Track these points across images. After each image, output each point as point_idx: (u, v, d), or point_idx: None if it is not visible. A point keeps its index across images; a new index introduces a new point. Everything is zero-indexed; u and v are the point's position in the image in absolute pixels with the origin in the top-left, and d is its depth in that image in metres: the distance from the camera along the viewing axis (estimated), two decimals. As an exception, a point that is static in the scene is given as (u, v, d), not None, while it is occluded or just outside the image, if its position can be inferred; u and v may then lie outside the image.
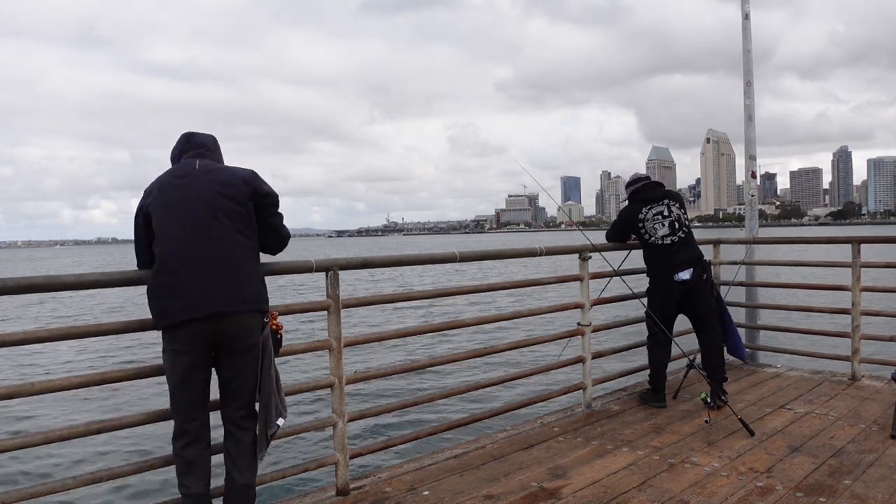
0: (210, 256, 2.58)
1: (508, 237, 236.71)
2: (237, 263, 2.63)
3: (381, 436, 6.57)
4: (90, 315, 22.93)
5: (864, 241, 5.49)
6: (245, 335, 2.64)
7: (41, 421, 8.82)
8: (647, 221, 4.72)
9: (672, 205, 4.74)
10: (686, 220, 4.81)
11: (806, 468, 3.47)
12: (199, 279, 2.56)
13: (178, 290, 2.55)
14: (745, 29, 6.21)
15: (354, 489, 3.33)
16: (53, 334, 2.69)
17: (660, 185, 4.92)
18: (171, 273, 2.57)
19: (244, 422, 2.74)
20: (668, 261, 4.66)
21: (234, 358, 2.67)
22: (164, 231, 2.60)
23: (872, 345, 5.83)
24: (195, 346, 2.60)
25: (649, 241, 4.71)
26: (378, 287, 28.62)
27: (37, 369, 12.77)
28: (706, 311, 4.79)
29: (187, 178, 2.67)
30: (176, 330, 2.58)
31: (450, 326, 4.42)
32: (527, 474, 3.52)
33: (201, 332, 2.57)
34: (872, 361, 5.45)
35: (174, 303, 2.55)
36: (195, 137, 2.81)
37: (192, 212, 2.60)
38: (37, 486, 2.55)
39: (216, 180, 2.67)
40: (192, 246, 2.58)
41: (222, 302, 2.57)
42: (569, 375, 7.05)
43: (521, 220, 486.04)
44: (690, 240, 4.76)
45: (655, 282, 4.76)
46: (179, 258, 2.57)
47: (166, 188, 2.66)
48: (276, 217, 2.81)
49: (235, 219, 2.66)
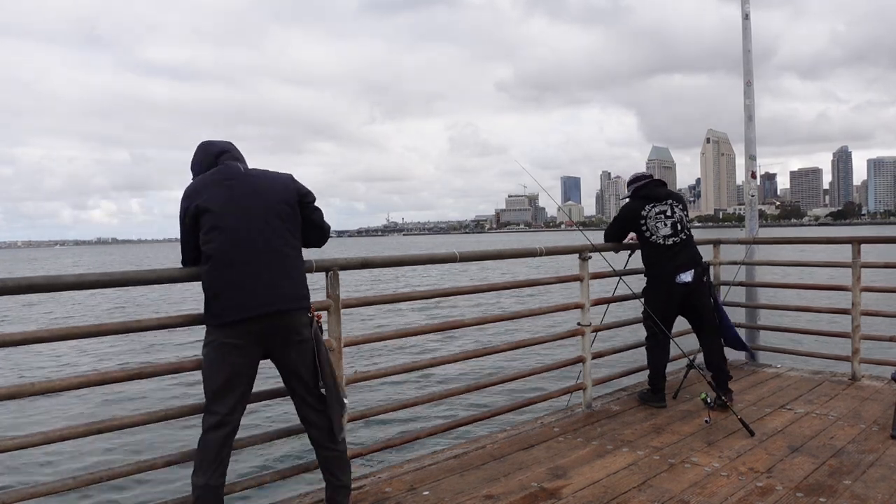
0: (267, 256, 2.70)
1: (510, 237, 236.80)
2: (290, 262, 2.78)
3: (381, 436, 6.57)
4: (90, 315, 22.93)
5: (864, 241, 5.49)
6: (300, 330, 2.78)
7: (41, 421, 8.82)
8: (649, 219, 4.68)
9: (675, 205, 4.73)
10: (687, 221, 4.80)
11: (806, 468, 3.47)
12: (260, 278, 2.67)
13: (240, 288, 2.65)
14: (745, 29, 6.21)
15: (354, 489, 3.32)
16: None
17: (662, 183, 4.90)
18: (231, 271, 2.66)
19: (318, 404, 2.88)
20: (669, 262, 4.63)
21: (291, 352, 2.78)
22: (221, 231, 2.67)
23: (872, 345, 5.83)
24: (251, 341, 2.69)
25: (650, 238, 4.68)
26: (379, 287, 28.63)
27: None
28: (706, 312, 4.78)
29: (236, 179, 2.77)
30: (236, 325, 2.65)
31: (450, 326, 4.42)
32: (527, 474, 3.52)
33: (260, 328, 2.68)
34: (872, 361, 5.44)
35: (236, 300, 2.64)
36: (225, 145, 2.91)
37: (247, 212, 2.70)
38: (37, 486, 2.55)
39: (264, 183, 2.80)
40: (251, 245, 2.68)
41: (282, 300, 2.70)
42: (569, 375, 7.06)
43: (521, 221, 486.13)
44: (691, 241, 4.75)
45: (656, 282, 4.74)
46: (240, 257, 2.67)
47: (218, 189, 2.73)
48: (317, 213, 2.96)
49: (285, 219, 2.79)
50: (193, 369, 2.98)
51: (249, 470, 6.34)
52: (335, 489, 2.93)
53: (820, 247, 6.67)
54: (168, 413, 2.97)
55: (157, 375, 2.92)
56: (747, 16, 6.20)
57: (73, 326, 2.76)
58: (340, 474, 2.94)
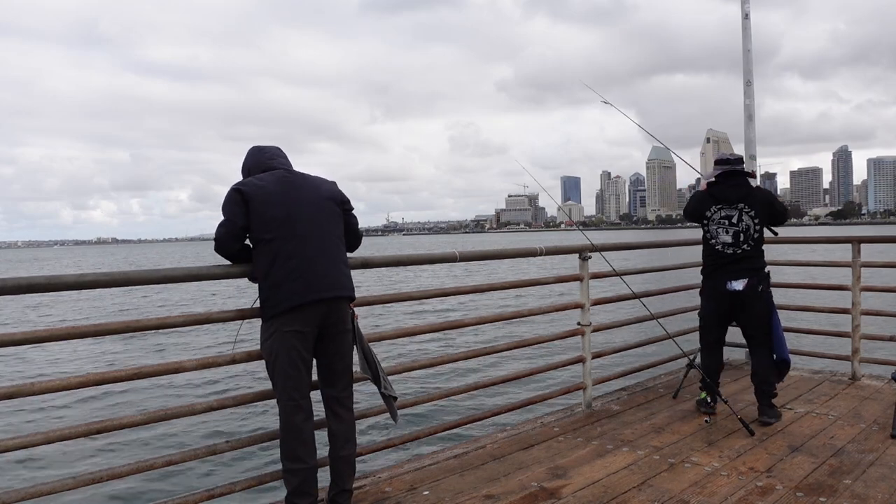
0: (324, 246, 2.93)
1: (513, 237, 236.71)
2: (342, 256, 3.04)
3: (381, 436, 6.57)
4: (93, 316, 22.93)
5: (864, 240, 5.49)
6: (346, 319, 3.00)
7: (41, 421, 8.82)
8: (711, 223, 4.42)
9: (746, 211, 4.32)
10: (757, 230, 4.34)
11: (806, 468, 3.47)
12: (318, 265, 2.88)
13: (301, 275, 2.84)
14: (745, 29, 6.20)
15: (355, 489, 3.33)
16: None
17: (741, 184, 4.40)
18: (291, 261, 2.85)
19: (347, 401, 3.07)
20: (723, 269, 4.37)
21: (337, 340, 2.98)
22: (280, 223, 2.85)
23: (872, 344, 5.83)
24: (310, 327, 2.87)
25: (710, 241, 4.45)
26: (378, 288, 28.63)
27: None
28: (756, 323, 4.41)
29: (293, 178, 2.99)
30: (296, 311, 2.83)
31: (450, 326, 4.42)
32: (527, 474, 3.52)
33: (318, 313, 2.87)
34: (872, 361, 5.44)
35: (297, 287, 2.82)
36: (275, 150, 3.11)
37: (308, 211, 2.92)
38: (37, 486, 2.55)
39: (319, 186, 3.04)
40: (309, 236, 2.89)
41: (338, 287, 2.93)
42: (569, 375, 7.06)
43: (521, 220, 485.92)
44: (754, 253, 4.35)
45: (706, 286, 4.53)
46: (299, 247, 2.86)
47: (276, 187, 2.91)
48: (354, 219, 3.21)
49: (336, 220, 3.05)
50: (194, 369, 2.98)
51: (250, 470, 6.34)
52: (340, 491, 3.03)
53: (820, 246, 6.67)
54: (168, 413, 2.97)
55: (156, 375, 2.93)
56: (747, 15, 6.20)
57: (72, 326, 2.76)
58: (347, 479, 3.05)
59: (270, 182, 2.92)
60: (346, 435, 3.04)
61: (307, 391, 2.94)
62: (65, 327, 2.76)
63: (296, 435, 2.89)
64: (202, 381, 10.37)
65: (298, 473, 2.86)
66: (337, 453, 3.02)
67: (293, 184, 2.96)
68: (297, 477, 2.87)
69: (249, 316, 3.08)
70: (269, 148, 3.12)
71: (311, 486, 2.90)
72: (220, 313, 3.04)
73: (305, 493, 2.88)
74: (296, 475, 2.87)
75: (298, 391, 2.89)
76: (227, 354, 3.11)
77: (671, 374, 5.65)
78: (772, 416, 4.26)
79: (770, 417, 4.25)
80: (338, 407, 3.04)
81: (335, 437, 3.03)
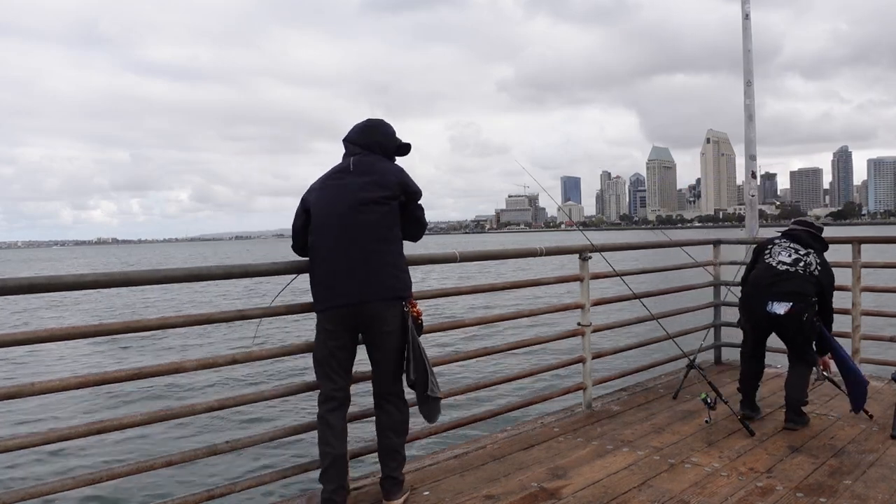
0: (356, 251, 2.94)
1: (514, 237, 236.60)
2: (378, 256, 2.97)
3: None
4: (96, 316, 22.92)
5: (864, 241, 5.49)
6: (384, 321, 2.99)
7: (41, 421, 8.82)
8: (775, 247, 4.38)
9: (811, 255, 4.29)
10: (816, 269, 4.24)
11: (806, 468, 3.47)
12: (347, 272, 2.94)
13: (330, 280, 2.96)
14: (746, 29, 6.21)
15: (355, 489, 3.33)
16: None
17: (812, 235, 4.42)
18: (324, 265, 2.99)
19: (391, 397, 3.14)
20: (767, 284, 4.23)
21: (376, 341, 3.04)
22: (319, 226, 3.00)
23: (872, 345, 5.83)
24: (341, 328, 3.00)
25: (766, 259, 4.36)
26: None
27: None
28: (796, 346, 4.31)
29: (342, 176, 3.05)
30: (327, 312, 2.99)
31: (450, 326, 4.41)
32: (527, 474, 3.52)
33: (347, 316, 2.97)
34: (872, 361, 5.44)
35: (326, 291, 2.98)
36: (355, 133, 3.13)
37: (342, 210, 2.96)
38: (37, 486, 2.55)
39: (367, 179, 3.00)
40: (342, 242, 2.94)
41: (365, 292, 2.93)
42: (569, 375, 7.05)
43: (521, 221, 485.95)
44: (804, 277, 4.20)
45: (744, 299, 4.43)
46: (332, 252, 2.96)
47: (325, 187, 3.05)
48: (419, 209, 3.19)
49: (382, 213, 2.98)
50: (194, 370, 2.98)
51: (250, 470, 6.34)
52: (385, 477, 3.17)
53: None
54: (168, 413, 2.97)
55: (156, 375, 2.93)
56: (747, 16, 6.20)
57: (72, 326, 2.76)
58: (388, 466, 3.16)
59: (318, 186, 3.07)
60: (389, 426, 3.14)
61: (342, 384, 3.07)
62: (65, 327, 2.76)
63: (324, 421, 3.05)
64: (202, 383, 10.41)
65: (326, 457, 3.01)
66: (380, 441, 3.18)
67: (336, 185, 3.02)
68: (325, 460, 3.01)
69: (250, 316, 3.09)
70: (351, 132, 3.16)
71: (338, 472, 3.02)
72: (221, 313, 3.04)
73: (330, 479, 2.99)
74: (324, 458, 3.02)
75: (331, 382, 3.05)
76: (227, 354, 3.12)
77: (671, 375, 5.64)
78: (798, 423, 4.20)
79: (797, 424, 4.19)
80: (382, 401, 3.15)
81: (379, 426, 3.17)
